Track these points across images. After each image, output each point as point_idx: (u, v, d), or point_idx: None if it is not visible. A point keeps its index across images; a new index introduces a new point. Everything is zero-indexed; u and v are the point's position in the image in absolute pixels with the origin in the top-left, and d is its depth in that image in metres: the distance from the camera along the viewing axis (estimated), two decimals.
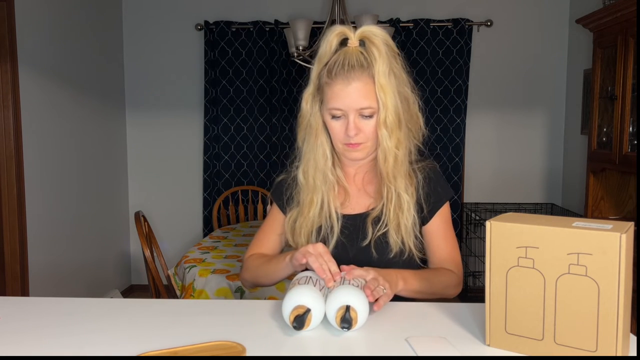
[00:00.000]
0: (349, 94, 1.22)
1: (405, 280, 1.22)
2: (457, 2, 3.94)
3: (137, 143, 4.18)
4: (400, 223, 1.28)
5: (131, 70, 4.12)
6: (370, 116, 1.24)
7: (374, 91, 1.23)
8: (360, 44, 1.25)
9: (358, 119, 1.24)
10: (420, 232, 1.34)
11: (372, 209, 1.33)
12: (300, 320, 1.01)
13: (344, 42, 1.26)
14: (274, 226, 1.43)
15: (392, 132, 1.25)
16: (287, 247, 1.43)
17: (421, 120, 1.32)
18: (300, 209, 1.34)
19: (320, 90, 1.28)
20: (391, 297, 1.15)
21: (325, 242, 1.32)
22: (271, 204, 1.46)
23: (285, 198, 1.40)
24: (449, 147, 3.96)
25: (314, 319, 1.03)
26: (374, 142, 1.28)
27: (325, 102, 1.26)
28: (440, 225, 1.35)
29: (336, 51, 1.25)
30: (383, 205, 1.30)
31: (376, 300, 1.10)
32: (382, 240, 1.29)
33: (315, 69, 1.28)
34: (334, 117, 1.25)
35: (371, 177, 1.37)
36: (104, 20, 3.82)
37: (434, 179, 1.35)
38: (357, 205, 1.36)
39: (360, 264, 1.19)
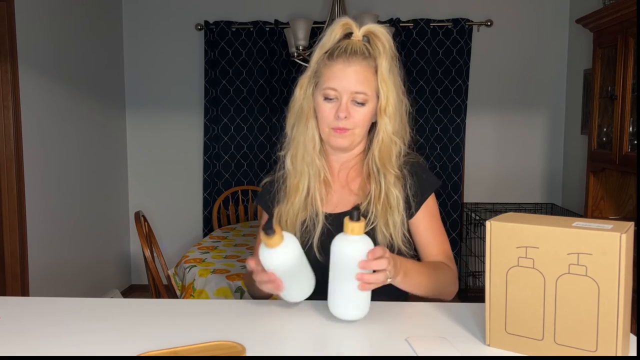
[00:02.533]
0: (347, 75, 1.23)
1: (406, 275, 1.16)
2: (457, 2, 3.94)
3: (137, 143, 4.18)
4: (389, 220, 1.27)
5: (131, 70, 4.12)
6: (362, 104, 1.25)
7: (371, 80, 1.24)
8: (364, 39, 1.27)
9: (350, 103, 1.24)
10: (408, 230, 1.33)
11: None
12: (268, 225, 1.03)
13: (348, 35, 1.28)
14: None
15: (391, 121, 1.26)
16: None
17: (408, 127, 1.32)
18: (287, 197, 1.32)
19: (317, 73, 1.28)
20: (383, 283, 1.08)
21: (309, 234, 1.30)
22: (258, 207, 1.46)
23: (270, 198, 1.38)
24: (449, 147, 3.96)
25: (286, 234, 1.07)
26: (361, 130, 1.28)
27: (320, 84, 1.27)
28: (426, 218, 1.33)
29: (339, 41, 1.27)
30: (369, 202, 1.29)
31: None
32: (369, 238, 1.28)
33: (315, 55, 1.29)
34: (326, 98, 1.25)
35: (355, 175, 1.36)
36: (104, 20, 3.82)
37: (419, 173, 1.33)
38: (341, 202, 1.34)
39: None
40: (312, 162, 1.31)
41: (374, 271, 1.05)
